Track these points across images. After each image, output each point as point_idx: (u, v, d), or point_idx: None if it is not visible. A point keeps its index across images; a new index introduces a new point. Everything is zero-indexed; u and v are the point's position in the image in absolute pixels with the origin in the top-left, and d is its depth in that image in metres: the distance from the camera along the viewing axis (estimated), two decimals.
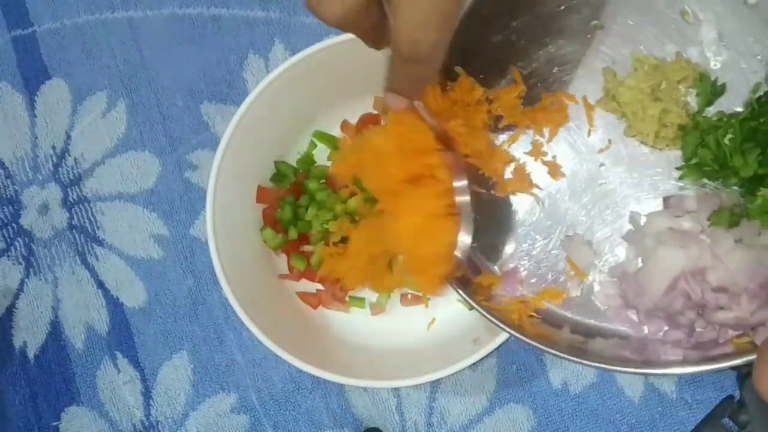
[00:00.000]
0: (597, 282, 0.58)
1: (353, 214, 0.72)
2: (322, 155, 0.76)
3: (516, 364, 0.72)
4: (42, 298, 0.81)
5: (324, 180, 0.74)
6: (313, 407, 0.75)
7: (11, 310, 0.82)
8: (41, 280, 0.82)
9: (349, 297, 0.74)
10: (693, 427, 0.68)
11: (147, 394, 0.78)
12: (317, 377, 0.67)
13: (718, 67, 0.57)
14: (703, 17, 0.57)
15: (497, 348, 0.63)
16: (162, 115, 0.82)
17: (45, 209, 0.83)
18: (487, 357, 0.64)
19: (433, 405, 0.73)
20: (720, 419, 0.66)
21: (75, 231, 0.82)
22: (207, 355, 0.77)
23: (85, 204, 0.82)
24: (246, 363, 0.77)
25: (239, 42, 0.81)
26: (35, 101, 0.85)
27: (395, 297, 0.73)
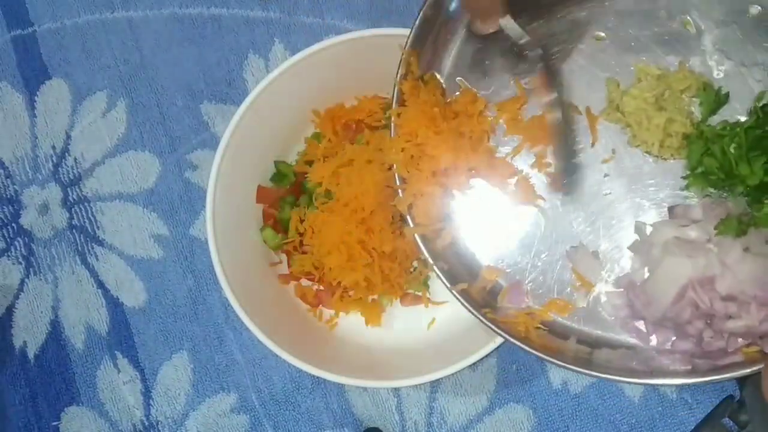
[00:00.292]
0: (603, 293, 0.58)
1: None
2: None
3: (516, 364, 0.72)
4: (42, 297, 0.81)
5: None
6: (313, 407, 0.75)
7: (11, 309, 0.82)
8: (41, 279, 0.82)
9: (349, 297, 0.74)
10: (693, 427, 0.68)
11: (147, 394, 0.78)
12: (317, 377, 0.67)
13: (720, 77, 0.57)
14: (705, 27, 0.57)
15: (497, 348, 0.63)
16: (162, 115, 0.82)
17: (45, 209, 0.83)
18: (487, 357, 0.64)
19: (433, 405, 0.73)
20: (720, 419, 0.66)
21: (75, 231, 0.82)
22: (207, 355, 0.77)
23: (85, 204, 0.82)
24: (246, 363, 0.77)
25: (239, 42, 0.81)
26: (35, 101, 0.84)
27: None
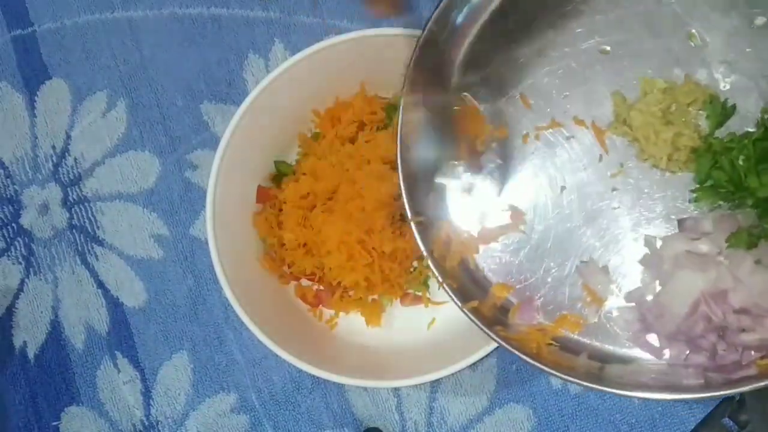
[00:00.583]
0: (615, 307, 0.58)
1: None
2: None
3: (516, 364, 0.72)
4: (42, 297, 0.81)
5: None
6: (313, 407, 0.75)
7: (11, 309, 0.82)
8: (41, 279, 0.82)
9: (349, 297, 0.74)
10: (693, 427, 0.68)
11: (147, 394, 0.78)
12: (317, 377, 0.67)
13: (727, 89, 0.57)
14: (710, 39, 0.57)
15: (497, 348, 0.63)
16: (162, 115, 0.82)
17: (45, 209, 0.83)
18: (487, 357, 0.64)
19: (433, 405, 0.73)
20: (720, 419, 0.66)
21: (75, 231, 0.82)
22: (207, 355, 0.77)
23: (85, 204, 0.82)
24: (246, 363, 0.77)
25: (239, 42, 0.81)
26: (35, 101, 0.84)
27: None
